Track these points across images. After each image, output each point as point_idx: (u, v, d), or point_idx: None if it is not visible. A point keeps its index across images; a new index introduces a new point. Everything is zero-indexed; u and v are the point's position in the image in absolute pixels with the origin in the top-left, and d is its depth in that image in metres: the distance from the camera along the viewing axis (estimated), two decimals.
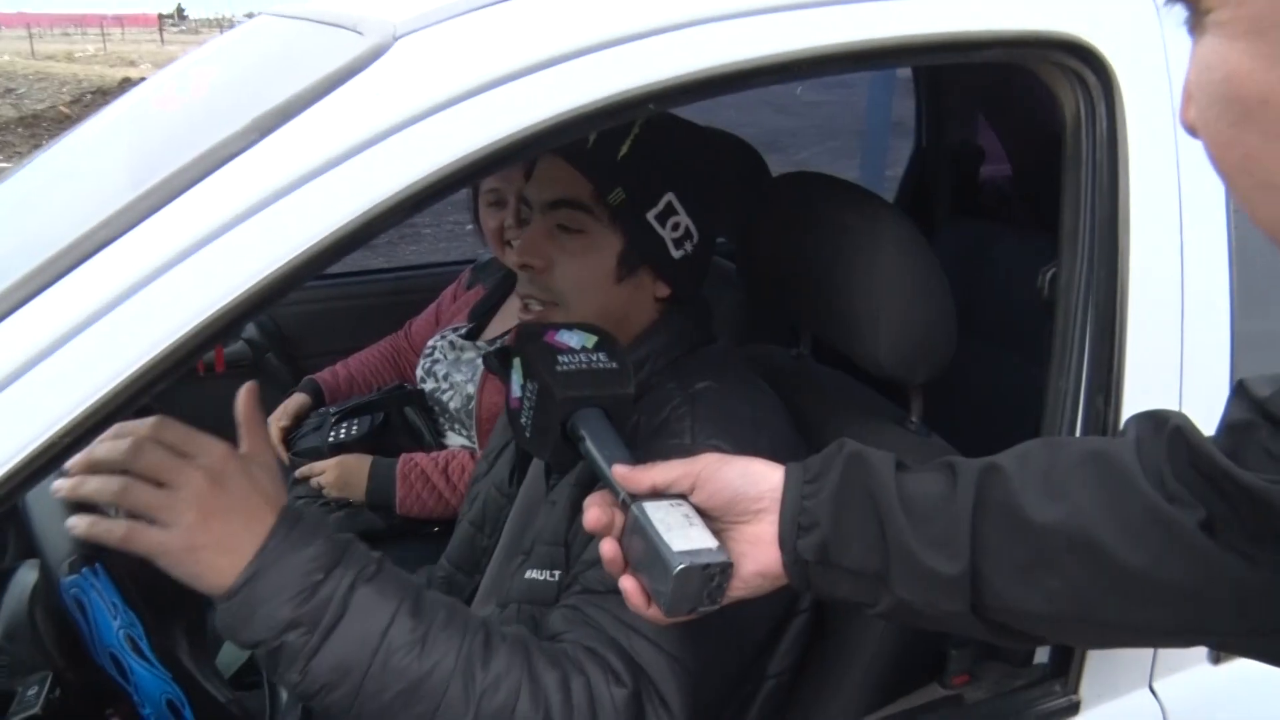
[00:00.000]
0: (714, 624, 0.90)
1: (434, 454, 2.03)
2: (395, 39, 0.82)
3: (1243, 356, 1.08)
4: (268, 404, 2.34)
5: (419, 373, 2.19)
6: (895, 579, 0.79)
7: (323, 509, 2.02)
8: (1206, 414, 1.06)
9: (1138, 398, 1.04)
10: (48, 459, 0.74)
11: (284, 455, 2.14)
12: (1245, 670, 0.76)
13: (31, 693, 1.02)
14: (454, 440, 2.12)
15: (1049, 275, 1.09)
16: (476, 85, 0.79)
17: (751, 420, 1.11)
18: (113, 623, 1.07)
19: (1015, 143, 2.62)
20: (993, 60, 1.03)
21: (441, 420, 2.15)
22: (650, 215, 1.16)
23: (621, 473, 0.85)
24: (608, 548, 0.84)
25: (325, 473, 2.03)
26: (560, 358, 0.96)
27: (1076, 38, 1.00)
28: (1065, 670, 1.10)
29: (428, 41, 0.82)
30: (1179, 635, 0.76)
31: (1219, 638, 0.75)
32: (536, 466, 1.31)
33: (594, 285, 1.16)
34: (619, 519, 0.85)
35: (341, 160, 0.76)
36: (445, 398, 2.12)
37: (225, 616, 0.88)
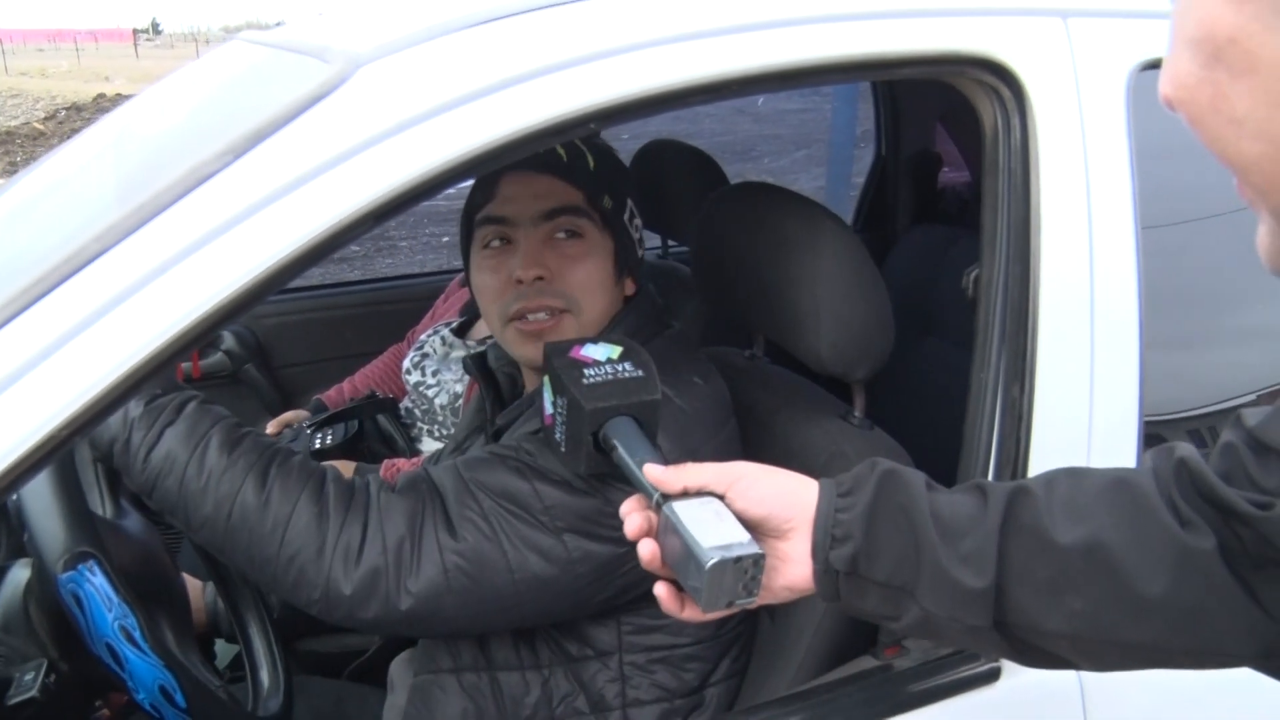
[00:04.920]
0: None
1: (415, 459, 2.08)
2: (357, 67, 0.89)
3: (1149, 349, 1.16)
4: (245, 412, 2.41)
5: (406, 364, 2.22)
6: (923, 592, 0.81)
7: None
8: (1114, 402, 1.15)
9: (1050, 388, 1.12)
10: (35, 460, 0.80)
11: None
12: None
13: (28, 678, 1.08)
14: (429, 446, 2.18)
15: (973, 275, 1.17)
16: (430, 109, 0.87)
17: (682, 411, 1.17)
18: (108, 615, 1.13)
19: (974, 150, 2.69)
20: (915, 77, 1.12)
21: (420, 425, 2.21)
22: (624, 218, 1.26)
23: (654, 474, 0.86)
24: (645, 549, 0.85)
25: None
26: (586, 371, 0.99)
27: (991, 56, 1.08)
28: None
29: (387, 69, 0.89)
30: (1198, 656, 0.77)
31: (1237, 660, 0.76)
32: None
33: (601, 286, 1.23)
34: (654, 520, 0.86)
35: (308, 179, 0.84)
36: (431, 394, 2.16)
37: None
